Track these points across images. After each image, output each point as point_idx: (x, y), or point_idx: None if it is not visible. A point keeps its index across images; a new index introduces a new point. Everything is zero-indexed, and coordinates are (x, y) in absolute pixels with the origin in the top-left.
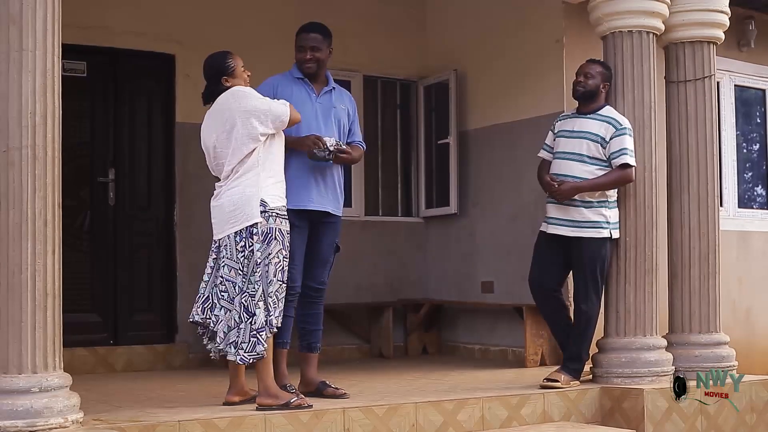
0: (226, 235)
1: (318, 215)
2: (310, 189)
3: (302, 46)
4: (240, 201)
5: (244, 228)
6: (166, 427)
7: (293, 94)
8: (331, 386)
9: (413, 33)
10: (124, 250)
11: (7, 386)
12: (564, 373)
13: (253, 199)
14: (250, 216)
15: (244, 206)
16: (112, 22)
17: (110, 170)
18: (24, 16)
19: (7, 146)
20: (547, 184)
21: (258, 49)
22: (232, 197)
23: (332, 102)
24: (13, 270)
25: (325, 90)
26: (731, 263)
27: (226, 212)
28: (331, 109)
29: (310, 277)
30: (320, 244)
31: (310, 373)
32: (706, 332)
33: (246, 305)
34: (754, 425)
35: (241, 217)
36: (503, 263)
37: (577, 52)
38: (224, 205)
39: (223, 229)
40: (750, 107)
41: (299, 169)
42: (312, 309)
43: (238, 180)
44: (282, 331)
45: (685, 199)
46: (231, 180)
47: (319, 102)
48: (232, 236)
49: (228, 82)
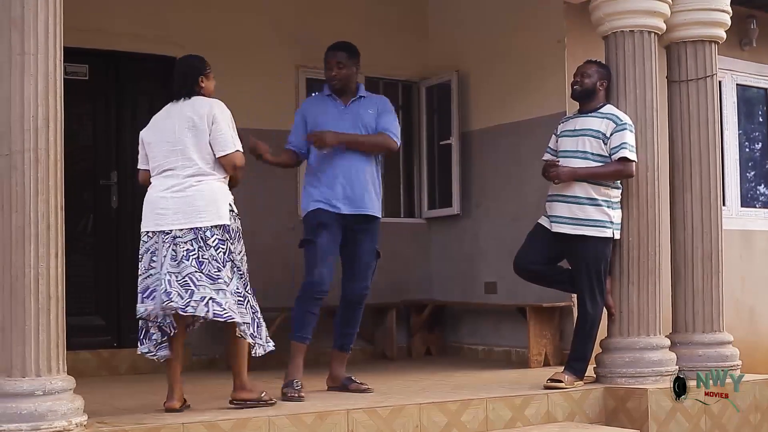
0: (191, 227)
1: (353, 218)
2: (336, 189)
3: (329, 63)
4: (214, 196)
5: (216, 225)
6: (170, 429)
7: (326, 110)
8: (355, 381)
9: (415, 34)
10: (127, 252)
11: (11, 389)
12: (568, 373)
13: (225, 198)
14: (222, 215)
15: (217, 203)
16: (114, 25)
17: (113, 173)
18: (26, 20)
19: (10, 149)
20: (547, 165)
21: (258, 50)
22: (206, 189)
23: (359, 110)
24: (17, 273)
25: (353, 100)
26: (734, 262)
27: (193, 204)
28: (359, 117)
29: (353, 283)
30: (358, 249)
31: (338, 369)
32: (710, 332)
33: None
34: (758, 424)
35: (211, 213)
36: (506, 264)
37: (579, 52)
38: (192, 197)
39: (190, 221)
40: (752, 106)
41: (328, 169)
42: (354, 313)
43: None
44: (304, 326)
45: (687, 199)
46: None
47: (347, 112)
48: (203, 231)
49: (203, 82)
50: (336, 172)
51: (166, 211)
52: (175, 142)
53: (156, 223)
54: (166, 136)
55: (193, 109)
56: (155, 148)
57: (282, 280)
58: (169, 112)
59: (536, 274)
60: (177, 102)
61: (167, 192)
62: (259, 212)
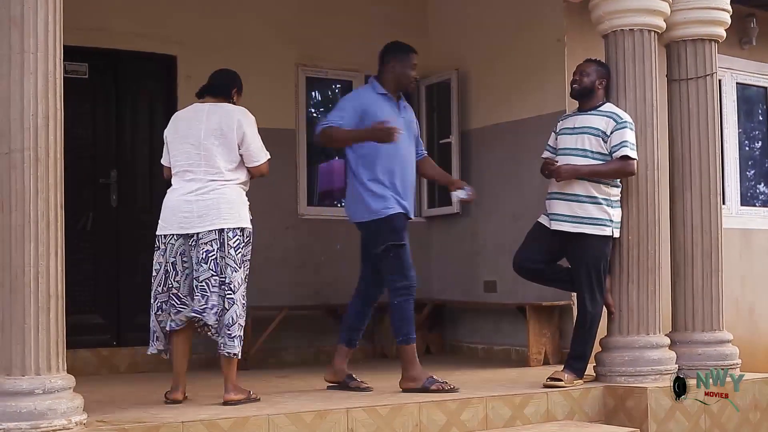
0: (215, 229)
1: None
2: (408, 197)
3: (412, 66)
4: (236, 200)
5: (238, 227)
6: (170, 428)
7: (384, 109)
8: (356, 380)
9: (415, 32)
10: (127, 251)
11: (11, 388)
12: (567, 372)
13: (245, 202)
14: (243, 218)
15: (239, 207)
16: (114, 24)
17: (112, 172)
18: (25, 18)
19: (9, 148)
20: (545, 163)
21: (259, 50)
22: (228, 193)
23: (408, 115)
24: (16, 272)
25: (402, 104)
26: (734, 261)
27: (216, 207)
28: (410, 122)
29: (378, 282)
30: None
31: (342, 364)
32: (709, 330)
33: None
34: (758, 423)
35: (235, 217)
36: (506, 263)
37: (579, 51)
38: (216, 201)
39: (212, 223)
40: (752, 105)
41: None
42: (369, 310)
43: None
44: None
45: (687, 197)
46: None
47: (402, 117)
48: (226, 232)
49: (234, 96)
50: (405, 180)
51: (191, 215)
52: (198, 146)
53: (181, 227)
54: (190, 138)
55: (221, 119)
56: (176, 147)
57: (280, 279)
58: (195, 112)
59: (535, 272)
60: (204, 103)
61: (191, 195)
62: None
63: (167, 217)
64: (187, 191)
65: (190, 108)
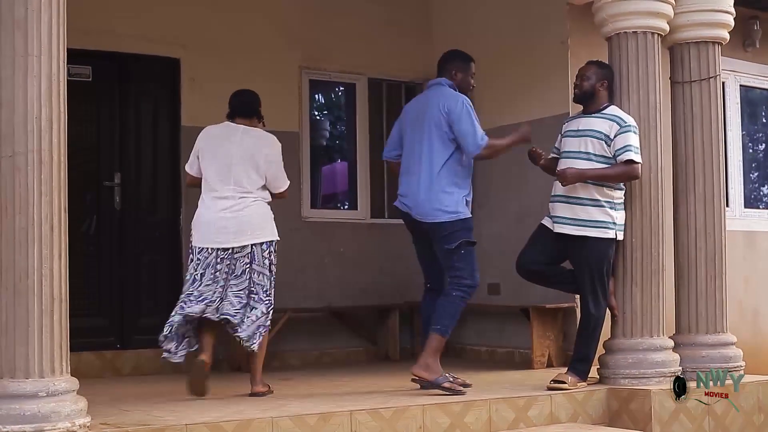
0: (250, 243)
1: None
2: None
3: (473, 74)
4: (267, 215)
5: (270, 241)
6: (174, 430)
7: None
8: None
9: (418, 35)
10: (131, 254)
11: (15, 391)
12: (571, 374)
13: (272, 217)
14: (274, 232)
15: (269, 221)
16: (117, 27)
17: (116, 174)
18: (29, 21)
19: (13, 151)
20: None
21: (262, 52)
22: (258, 210)
23: None
24: (20, 275)
25: None
26: (738, 263)
27: (250, 223)
28: None
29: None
30: None
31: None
32: (713, 333)
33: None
34: (762, 425)
35: (267, 231)
36: (509, 265)
37: (582, 54)
38: (250, 217)
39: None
40: (755, 107)
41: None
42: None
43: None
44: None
45: (691, 200)
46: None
47: None
48: (259, 245)
49: (256, 119)
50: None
51: (227, 231)
52: (230, 165)
53: (217, 241)
54: (221, 157)
55: (254, 145)
56: (209, 163)
57: (286, 281)
58: (227, 134)
59: (538, 274)
60: (237, 124)
61: (226, 212)
62: None
63: (204, 232)
64: (221, 208)
65: (223, 125)
